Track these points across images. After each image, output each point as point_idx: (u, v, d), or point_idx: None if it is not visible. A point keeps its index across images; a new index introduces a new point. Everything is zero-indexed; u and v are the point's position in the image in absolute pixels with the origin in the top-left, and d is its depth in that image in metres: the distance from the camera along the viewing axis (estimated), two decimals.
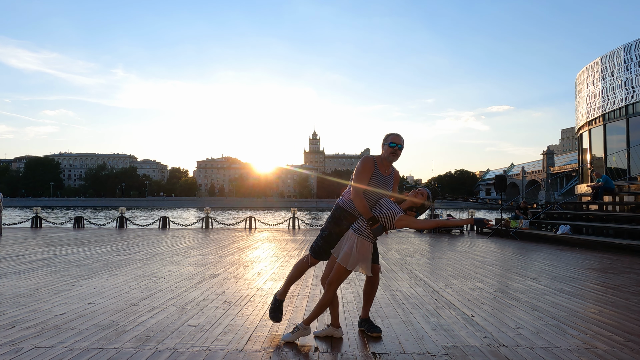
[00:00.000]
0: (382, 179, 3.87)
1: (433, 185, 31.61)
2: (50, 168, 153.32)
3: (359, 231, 3.72)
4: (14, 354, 3.43)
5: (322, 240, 4.01)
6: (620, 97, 18.59)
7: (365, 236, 3.70)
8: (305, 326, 3.85)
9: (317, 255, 4.03)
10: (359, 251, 3.67)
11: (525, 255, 10.84)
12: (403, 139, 3.92)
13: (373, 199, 3.82)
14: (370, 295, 4.18)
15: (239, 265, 8.44)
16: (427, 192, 3.76)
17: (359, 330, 4.17)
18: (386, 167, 3.91)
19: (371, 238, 3.72)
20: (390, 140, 3.86)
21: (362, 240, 3.69)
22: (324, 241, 3.99)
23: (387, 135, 3.95)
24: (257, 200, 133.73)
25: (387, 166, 3.92)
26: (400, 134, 3.92)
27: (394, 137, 3.89)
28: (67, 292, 5.73)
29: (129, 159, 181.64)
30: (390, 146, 3.85)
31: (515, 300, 5.55)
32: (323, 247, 3.99)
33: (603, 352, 3.62)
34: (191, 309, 4.91)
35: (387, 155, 3.88)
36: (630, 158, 17.93)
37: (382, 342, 3.81)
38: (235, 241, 13.63)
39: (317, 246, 4.04)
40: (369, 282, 4.16)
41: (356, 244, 3.68)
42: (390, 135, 3.92)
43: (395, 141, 3.86)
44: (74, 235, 15.18)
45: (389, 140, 3.88)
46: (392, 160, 3.90)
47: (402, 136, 3.93)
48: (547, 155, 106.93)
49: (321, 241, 4.01)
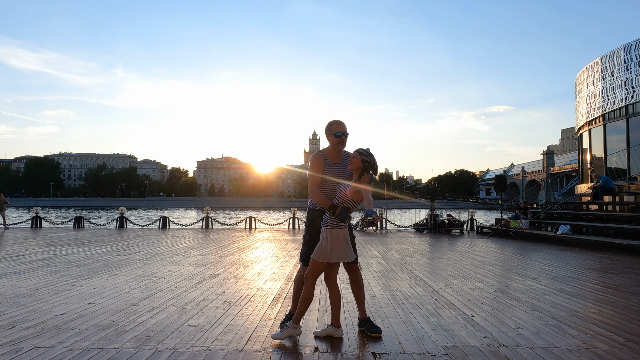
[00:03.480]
0: (336, 167, 4.00)
1: (433, 185, 31.60)
2: (50, 168, 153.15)
3: (326, 222, 3.77)
4: (14, 354, 3.43)
5: (305, 246, 4.08)
6: (620, 97, 18.58)
7: (333, 225, 3.72)
8: (295, 325, 3.85)
9: (306, 263, 4.05)
10: (329, 241, 3.69)
11: (525, 255, 10.83)
12: (345, 125, 4.05)
13: (332, 188, 3.93)
14: (360, 294, 4.20)
15: (239, 265, 8.44)
16: (359, 152, 3.77)
17: (359, 330, 4.17)
18: (336, 155, 4.06)
19: (341, 225, 3.75)
20: (336, 131, 4.01)
21: (330, 229, 3.71)
22: (308, 246, 4.04)
23: (329, 125, 4.07)
24: (257, 200, 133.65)
25: (338, 154, 4.06)
26: (342, 121, 4.05)
27: (337, 125, 4.02)
28: (67, 292, 5.73)
29: (129, 159, 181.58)
30: (337, 136, 4.01)
31: (515, 300, 5.55)
32: (308, 252, 4.02)
33: (603, 352, 3.62)
34: (191, 309, 4.91)
35: (335, 145, 4.03)
36: (630, 158, 17.93)
37: (382, 342, 3.81)
38: (235, 241, 13.63)
39: (303, 253, 4.09)
40: (354, 281, 4.20)
41: (326, 235, 3.72)
42: (333, 124, 4.04)
43: (340, 130, 4.01)
44: (74, 235, 15.18)
45: (333, 130, 4.01)
46: (340, 148, 4.06)
47: (344, 123, 4.06)
48: (547, 155, 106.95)
49: (305, 247, 4.08)
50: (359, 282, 4.19)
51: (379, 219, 14.62)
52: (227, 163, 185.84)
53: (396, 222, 23.78)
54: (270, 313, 4.80)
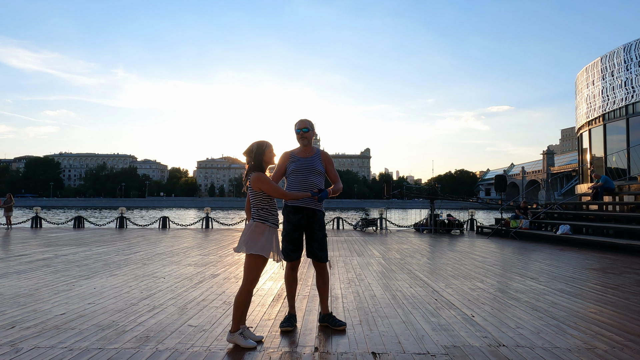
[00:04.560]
0: (304, 161, 4.20)
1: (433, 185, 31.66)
2: (50, 168, 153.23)
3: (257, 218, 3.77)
4: (14, 354, 3.43)
5: (284, 241, 4.20)
6: (620, 97, 18.58)
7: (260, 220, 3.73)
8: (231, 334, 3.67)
9: (286, 257, 4.18)
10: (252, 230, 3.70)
11: (525, 255, 10.83)
12: (307, 122, 4.26)
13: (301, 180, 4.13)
14: (324, 290, 4.32)
15: (239, 265, 8.44)
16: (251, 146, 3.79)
17: (320, 325, 4.26)
18: (305, 151, 4.26)
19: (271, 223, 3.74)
20: (297, 127, 4.25)
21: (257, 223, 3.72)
22: (286, 241, 4.20)
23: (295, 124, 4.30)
24: None
25: (306, 150, 4.26)
26: (304, 118, 4.29)
27: (298, 123, 4.27)
28: (67, 292, 5.73)
29: (129, 159, 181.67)
30: (297, 132, 4.25)
31: (515, 300, 5.55)
32: (287, 248, 4.18)
33: (603, 352, 3.62)
34: (191, 309, 4.91)
35: (299, 141, 4.27)
36: (630, 158, 17.93)
37: (382, 342, 3.81)
38: (235, 241, 13.62)
39: (283, 249, 4.15)
40: (320, 277, 4.31)
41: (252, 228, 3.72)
42: (296, 123, 4.29)
43: (299, 127, 4.24)
44: (74, 235, 15.18)
45: (295, 127, 4.27)
46: (304, 144, 4.25)
47: (306, 120, 4.28)
48: (547, 155, 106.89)
49: (283, 243, 4.20)
50: (326, 279, 4.32)
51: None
52: (227, 163, 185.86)
53: (396, 222, 23.79)
54: (270, 313, 4.80)
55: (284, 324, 4.16)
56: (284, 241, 4.20)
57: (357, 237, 15.57)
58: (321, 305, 4.35)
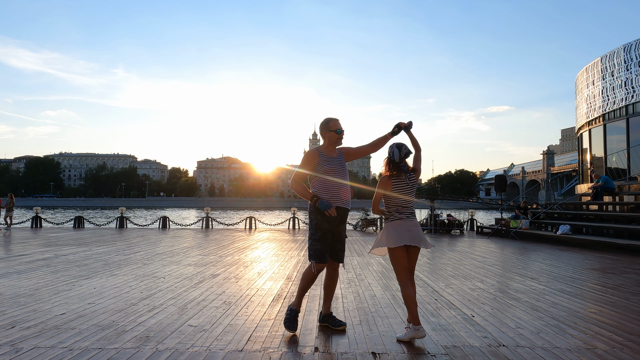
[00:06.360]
0: (335, 161, 4.13)
1: (433, 185, 31.46)
2: (50, 168, 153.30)
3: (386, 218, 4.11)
4: (14, 354, 3.43)
5: (318, 243, 4.04)
6: (620, 97, 18.59)
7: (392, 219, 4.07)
8: (416, 327, 3.76)
9: (321, 259, 4.03)
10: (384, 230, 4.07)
11: (525, 255, 10.83)
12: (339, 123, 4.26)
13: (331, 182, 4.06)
14: (331, 290, 4.28)
15: (239, 265, 8.44)
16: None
17: (321, 325, 4.24)
18: (332, 150, 4.20)
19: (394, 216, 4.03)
20: (337, 128, 4.16)
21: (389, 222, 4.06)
22: (320, 243, 4.03)
23: (327, 122, 4.20)
24: (257, 200, 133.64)
25: (333, 150, 4.21)
26: (337, 118, 4.23)
27: (335, 122, 4.19)
28: (67, 292, 5.74)
29: (129, 159, 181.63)
30: (337, 133, 4.17)
31: (515, 300, 5.55)
32: (323, 249, 4.03)
33: (603, 352, 3.62)
34: (191, 309, 4.91)
35: (335, 141, 4.19)
36: (630, 158, 17.93)
37: (382, 342, 3.81)
38: (235, 241, 13.63)
39: (316, 250, 4.03)
40: (330, 277, 4.26)
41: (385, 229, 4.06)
42: (331, 121, 4.19)
43: (340, 127, 4.19)
44: (74, 235, 15.18)
45: (332, 127, 4.16)
46: (339, 145, 4.23)
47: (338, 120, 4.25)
48: (547, 155, 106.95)
49: (318, 244, 4.04)
50: (335, 279, 4.28)
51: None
52: (227, 163, 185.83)
53: None
54: (270, 313, 4.80)
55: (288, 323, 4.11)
56: (321, 242, 4.02)
57: (357, 237, 15.58)
58: (324, 305, 4.30)
